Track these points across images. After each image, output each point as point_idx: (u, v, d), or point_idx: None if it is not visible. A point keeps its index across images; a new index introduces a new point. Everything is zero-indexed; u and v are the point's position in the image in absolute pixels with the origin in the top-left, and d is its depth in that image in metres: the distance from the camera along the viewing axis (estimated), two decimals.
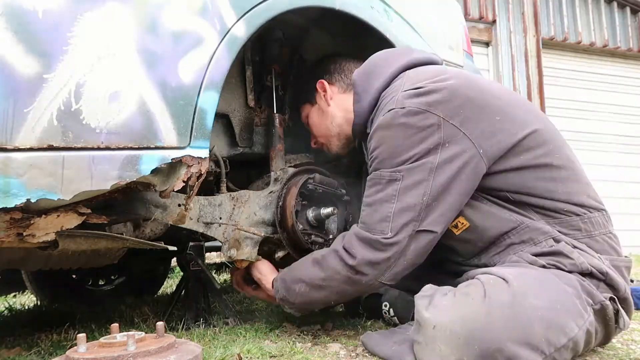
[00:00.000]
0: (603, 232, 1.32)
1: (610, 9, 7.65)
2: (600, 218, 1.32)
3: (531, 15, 7.12)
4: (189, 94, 1.20)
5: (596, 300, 1.21)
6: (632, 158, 7.54)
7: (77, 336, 0.99)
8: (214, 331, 1.65)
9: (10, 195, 0.98)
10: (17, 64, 0.98)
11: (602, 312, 1.21)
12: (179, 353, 0.99)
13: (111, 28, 1.10)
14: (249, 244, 1.62)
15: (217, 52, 1.25)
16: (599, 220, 1.32)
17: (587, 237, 1.29)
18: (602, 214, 1.34)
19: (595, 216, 1.31)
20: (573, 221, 1.29)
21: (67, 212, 1.13)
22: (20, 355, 1.48)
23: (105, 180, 1.08)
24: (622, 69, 7.75)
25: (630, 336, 1.60)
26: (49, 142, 1.01)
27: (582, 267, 1.22)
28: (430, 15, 1.90)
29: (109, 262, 2.10)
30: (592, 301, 1.20)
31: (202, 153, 1.22)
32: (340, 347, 1.44)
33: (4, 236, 1.10)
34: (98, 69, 1.07)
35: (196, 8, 1.23)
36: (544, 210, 1.30)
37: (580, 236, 1.29)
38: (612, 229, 1.36)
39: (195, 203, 1.51)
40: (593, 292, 1.21)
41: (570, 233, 1.29)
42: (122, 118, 1.10)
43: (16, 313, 2.62)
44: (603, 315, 1.21)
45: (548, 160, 1.32)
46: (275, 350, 1.36)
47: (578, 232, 1.29)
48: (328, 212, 1.67)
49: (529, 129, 1.33)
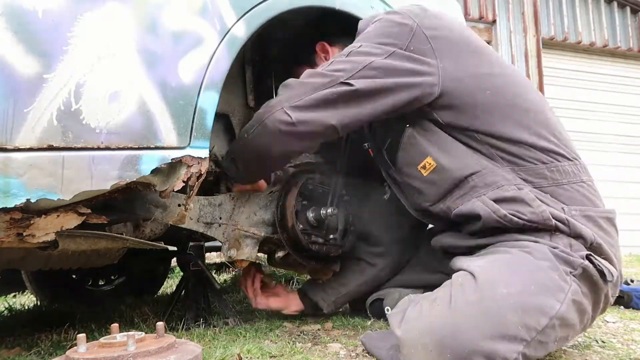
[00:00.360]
0: (573, 181, 1.28)
1: (610, 9, 7.66)
2: (571, 167, 1.29)
3: (531, 15, 7.13)
4: (189, 94, 1.20)
5: (575, 264, 1.16)
6: (632, 158, 7.54)
7: (77, 336, 0.99)
8: (214, 331, 1.65)
9: (10, 195, 0.98)
10: (17, 64, 0.98)
11: (585, 274, 1.16)
12: (179, 353, 0.98)
13: (111, 28, 1.10)
14: (249, 244, 1.62)
15: (217, 52, 1.25)
16: (569, 169, 1.28)
17: (553, 186, 1.26)
18: (574, 163, 1.30)
19: (563, 165, 1.28)
20: (539, 169, 1.27)
21: (67, 212, 1.12)
22: (20, 355, 1.48)
23: (105, 180, 1.08)
24: (622, 69, 7.75)
25: (630, 336, 1.60)
26: (49, 142, 1.01)
27: (543, 216, 1.19)
28: None
29: (109, 262, 2.10)
30: (570, 268, 1.15)
31: (202, 153, 1.22)
32: (340, 347, 1.44)
33: (4, 236, 1.09)
34: (98, 69, 1.07)
35: (196, 8, 1.23)
36: (510, 156, 1.28)
37: (546, 184, 1.26)
38: (587, 179, 1.31)
39: (195, 203, 1.51)
40: (569, 258, 1.16)
41: (535, 181, 1.26)
42: (122, 118, 1.10)
43: (16, 313, 2.62)
44: (587, 276, 1.16)
45: (516, 101, 1.31)
46: (275, 350, 1.36)
47: (544, 180, 1.26)
48: (328, 212, 1.67)
49: (498, 69, 1.35)
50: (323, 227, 1.72)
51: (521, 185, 1.26)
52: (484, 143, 1.30)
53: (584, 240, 1.20)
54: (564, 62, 7.44)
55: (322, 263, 1.75)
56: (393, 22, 1.34)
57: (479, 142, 1.31)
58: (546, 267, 1.14)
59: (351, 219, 1.79)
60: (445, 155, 1.33)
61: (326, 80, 1.30)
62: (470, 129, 1.31)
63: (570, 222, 1.20)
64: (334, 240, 1.74)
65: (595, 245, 1.22)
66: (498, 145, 1.29)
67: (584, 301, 1.16)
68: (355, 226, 1.80)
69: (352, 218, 1.79)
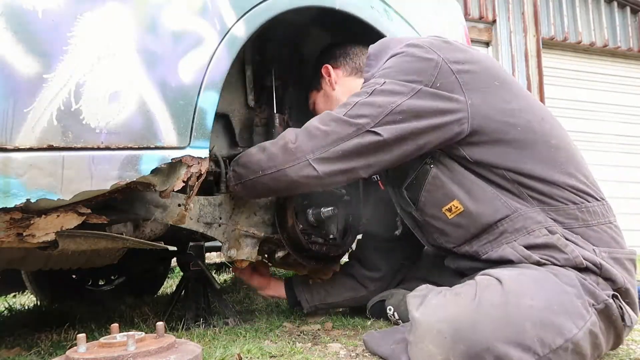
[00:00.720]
0: (602, 222, 1.27)
1: (611, 9, 7.65)
2: (600, 208, 1.28)
3: (531, 15, 7.12)
4: (189, 94, 1.20)
5: (599, 299, 1.17)
6: (632, 158, 7.54)
7: (77, 336, 0.99)
8: (214, 331, 1.65)
9: (10, 195, 0.98)
10: (17, 64, 0.98)
11: (606, 311, 1.17)
12: (179, 353, 0.98)
13: (111, 28, 1.10)
14: (249, 244, 1.62)
15: (217, 52, 1.25)
16: (598, 210, 1.27)
17: (584, 227, 1.25)
18: (602, 203, 1.29)
19: (593, 205, 1.27)
20: (570, 209, 1.25)
21: (67, 212, 1.12)
22: (20, 355, 1.48)
23: (105, 180, 1.08)
24: (622, 69, 7.74)
25: (630, 336, 1.60)
26: (48, 142, 1.01)
27: (576, 262, 1.19)
28: (430, 15, 1.90)
29: (109, 262, 2.10)
30: (594, 301, 1.16)
31: (202, 153, 1.22)
32: (340, 347, 1.44)
33: (4, 236, 1.09)
34: (98, 69, 1.07)
35: (196, 8, 1.23)
36: (540, 196, 1.26)
37: (577, 225, 1.25)
38: (614, 220, 1.31)
39: (195, 203, 1.51)
40: (595, 291, 1.17)
41: (566, 222, 1.25)
42: (122, 118, 1.10)
43: (16, 313, 2.62)
44: (607, 314, 1.18)
45: (546, 139, 1.28)
46: (275, 350, 1.36)
47: (574, 221, 1.25)
48: (328, 212, 1.67)
49: (524, 102, 1.32)
50: (323, 227, 1.72)
51: (552, 227, 1.24)
52: (514, 182, 1.26)
53: (613, 283, 1.21)
54: (564, 62, 7.43)
55: (322, 263, 1.75)
56: (416, 56, 1.29)
57: (508, 180, 1.27)
58: (571, 292, 1.15)
59: (351, 218, 1.79)
60: (473, 199, 1.29)
61: (351, 130, 1.25)
62: (500, 167, 1.27)
63: (602, 266, 1.20)
64: (334, 240, 1.74)
65: (623, 290, 1.22)
66: (528, 184, 1.26)
67: (600, 336, 1.16)
68: (355, 226, 1.80)
69: (352, 218, 1.79)
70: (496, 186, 1.28)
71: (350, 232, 1.79)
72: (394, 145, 1.26)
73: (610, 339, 1.22)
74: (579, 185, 1.27)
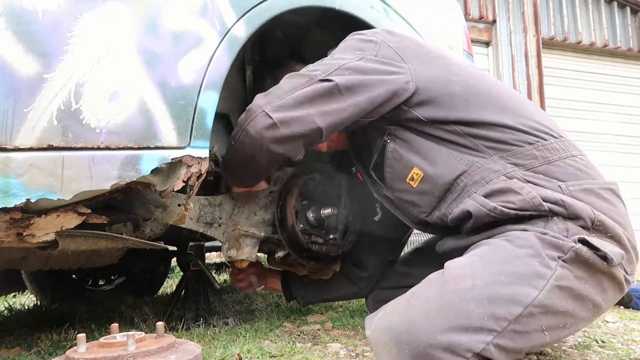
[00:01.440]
0: (564, 157, 1.24)
1: (611, 9, 7.65)
2: (559, 144, 1.26)
3: (531, 15, 7.12)
4: (189, 94, 1.20)
5: (565, 249, 1.10)
6: (632, 158, 7.54)
7: (77, 336, 0.99)
8: (214, 331, 1.65)
9: (10, 195, 0.98)
10: (17, 64, 0.98)
11: (579, 258, 1.10)
12: (179, 353, 0.98)
13: (111, 28, 1.10)
14: (249, 244, 1.62)
15: (217, 52, 1.25)
16: (557, 146, 1.25)
17: (545, 164, 1.22)
18: (561, 140, 1.27)
19: (551, 142, 1.25)
20: (527, 150, 1.24)
21: (67, 212, 1.12)
22: (20, 355, 1.48)
23: (105, 180, 1.08)
24: (622, 69, 7.75)
25: (630, 336, 1.60)
26: (48, 142, 1.01)
27: (534, 202, 1.16)
28: (430, 15, 1.90)
29: (109, 262, 2.10)
30: (559, 253, 1.11)
31: (202, 153, 1.22)
32: (340, 347, 1.44)
33: (4, 236, 1.09)
34: (98, 69, 1.07)
35: (196, 8, 1.23)
36: (495, 144, 1.26)
37: (538, 164, 1.23)
38: (577, 154, 1.27)
39: (195, 203, 1.51)
40: (558, 242, 1.11)
41: (526, 163, 1.23)
42: (122, 118, 1.10)
43: (16, 313, 2.62)
44: (582, 260, 1.11)
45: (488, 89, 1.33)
46: (275, 350, 1.36)
47: (534, 160, 1.23)
48: (328, 212, 1.67)
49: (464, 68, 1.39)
50: (323, 227, 1.72)
51: (511, 172, 1.23)
52: (467, 135, 1.28)
53: (584, 221, 1.15)
54: (564, 62, 7.43)
55: (322, 263, 1.75)
56: (359, 39, 1.39)
57: (461, 135, 1.29)
58: (523, 254, 1.11)
59: (351, 218, 1.79)
60: (430, 163, 1.31)
61: (304, 79, 1.30)
62: (450, 120, 1.30)
63: (566, 202, 1.16)
64: (334, 240, 1.74)
65: (597, 224, 1.16)
66: (480, 134, 1.28)
67: (579, 286, 1.11)
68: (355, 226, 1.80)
69: (352, 218, 1.79)
70: (451, 144, 1.30)
71: (350, 232, 1.79)
72: (345, 93, 1.29)
73: (605, 284, 1.15)
74: (532, 124, 1.27)
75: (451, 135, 1.30)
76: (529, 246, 1.12)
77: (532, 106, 1.37)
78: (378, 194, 1.53)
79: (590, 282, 1.13)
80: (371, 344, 1.16)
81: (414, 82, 1.31)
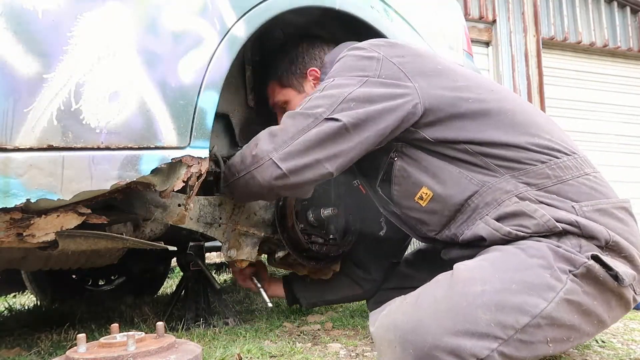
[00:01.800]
0: (577, 175, 1.22)
1: (611, 9, 7.65)
2: (572, 162, 1.23)
3: (531, 15, 7.12)
4: (189, 94, 1.20)
5: (577, 264, 1.10)
6: (632, 158, 7.54)
7: (77, 336, 0.99)
8: (214, 331, 1.65)
9: (10, 195, 0.98)
10: (17, 64, 0.98)
11: (589, 274, 1.10)
12: (179, 353, 0.98)
13: (111, 28, 1.10)
14: (249, 244, 1.62)
15: (217, 52, 1.25)
16: (570, 164, 1.23)
17: (558, 183, 1.20)
18: (574, 157, 1.25)
19: (564, 160, 1.23)
20: (539, 169, 1.21)
21: (67, 212, 1.12)
22: (20, 355, 1.48)
23: (105, 180, 1.08)
24: (622, 69, 7.74)
25: (630, 336, 1.60)
26: (48, 142, 1.01)
27: (549, 225, 1.15)
28: (430, 15, 1.90)
29: (109, 262, 2.10)
30: (571, 267, 1.10)
31: (202, 153, 1.22)
32: (340, 347, 1.44)
33: (4, 236, 1.09)
34: (98, 69, 1.07)
35: (196, 8, 1.23)
36: (506, 162, 1.23)
37: (551, 184, 1.21)
38: (591, 171, 1.25)
39: (195, 203, 1.51)
40: (571, 256, 1.11)
41: (539, 182, 1.21)
42: (122, 118, 1.10)
43: (16, 313, 2.62)
44: (592, 277, 1.10)
45: (500, 105, 1.28)
46: (275, 350, 1.36)
47: (547, 179, 1.21)
48: (328, 212, 1.67)
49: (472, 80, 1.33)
50: (323, 227, 1.72)
51: (523, 192, 1.21)
52: (477, 154, 1.25)
53: (598, 241, 1.14)
54: (564, 62, 7.42)
55: (322, 263, 1.75)
56: (359, 56, 1.34)
57: (472, 154, 1.26)
58: (535, 264, 1.10)
59: (351, 218, 1.79)
60: (440, 182, 1.28)
61: (310, 120, 1.26)
62: (460, 140, 1.26)
63: (580, 224, 1.14)
64: (334, 240, 1.74)
65: (612, 244, 1.15)
66: (492, 153, 1.24)
67: (587, 302, 1.10)
68: (356, 227, 1.80)
69: (353, 218, 1.79)
70: (461, 163, 1.27)
71: (351, 232, 1.79)
72: (353, 131, 1.26)
73: (612, 302, 1.15)
74: (543, 143, 1.24)
75: (461, 154, 1.27)
76: (541, 256, 1.11)
77: (544, 119, 1.34)
78: (384, 209, 1.51)
79: (599, 299, 1.12)
80: (375, 341, 1.15)
81: (422, 103, 1.27)
